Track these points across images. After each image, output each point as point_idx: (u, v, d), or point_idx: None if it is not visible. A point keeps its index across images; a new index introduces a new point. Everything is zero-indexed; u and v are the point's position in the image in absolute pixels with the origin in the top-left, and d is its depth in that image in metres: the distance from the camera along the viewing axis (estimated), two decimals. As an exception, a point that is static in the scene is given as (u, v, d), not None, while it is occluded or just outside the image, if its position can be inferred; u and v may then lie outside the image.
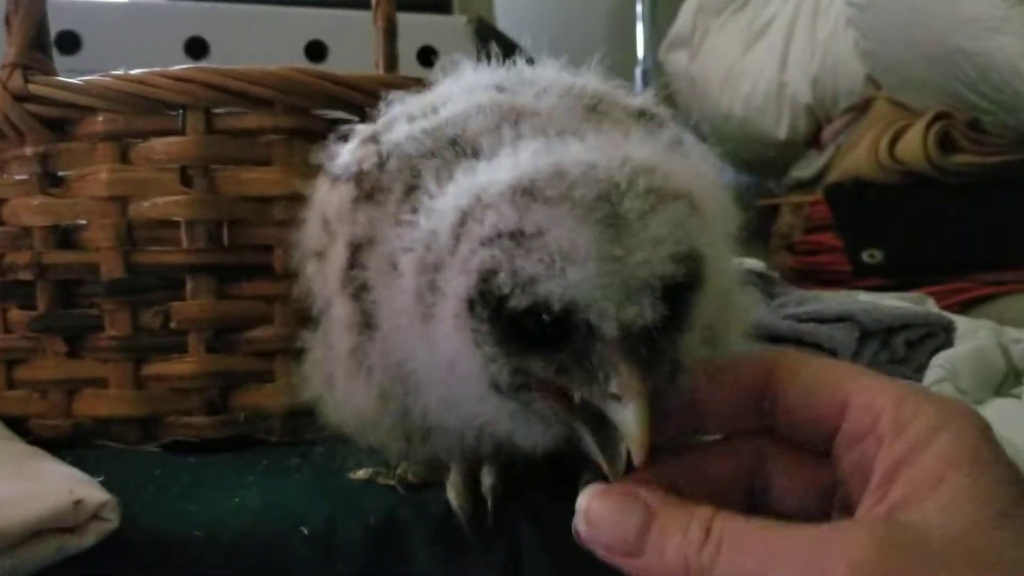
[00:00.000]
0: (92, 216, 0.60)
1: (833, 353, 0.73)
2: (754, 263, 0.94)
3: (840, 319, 0.74)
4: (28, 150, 0.61)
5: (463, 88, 0.46)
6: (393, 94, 0.48)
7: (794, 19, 1.58)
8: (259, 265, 0.60)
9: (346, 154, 0.46)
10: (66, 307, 0.60)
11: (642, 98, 0.47)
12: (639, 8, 1.85)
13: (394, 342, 0.41)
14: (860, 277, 1.34)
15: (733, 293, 0.43)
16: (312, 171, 0.60)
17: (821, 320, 0.75)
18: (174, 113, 0.59)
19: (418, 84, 0.62)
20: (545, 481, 0.46)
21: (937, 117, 1.33)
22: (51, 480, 0.43)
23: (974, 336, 0.75)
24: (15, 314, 0.62)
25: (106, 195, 0.59)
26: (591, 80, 0.46)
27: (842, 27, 1.47)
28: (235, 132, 0.59)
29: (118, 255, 0.59)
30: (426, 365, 0.40)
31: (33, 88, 0.60)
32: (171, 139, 0.59)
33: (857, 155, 1.42)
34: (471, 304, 0.36)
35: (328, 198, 0.46)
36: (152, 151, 0.59)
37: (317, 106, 0.60)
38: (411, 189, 0.41)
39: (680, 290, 0.36)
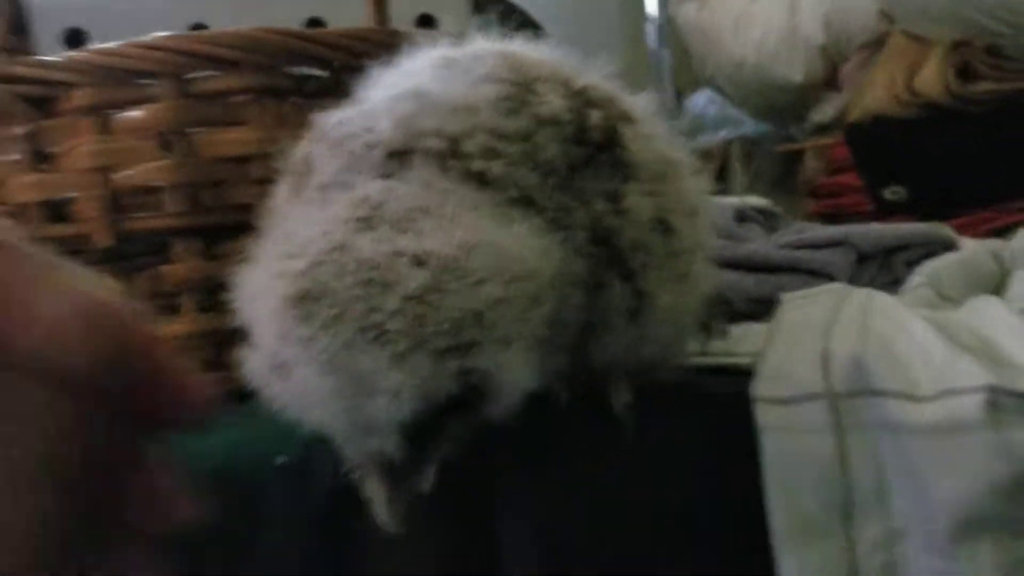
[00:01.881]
0: (80, 188, 0.62)
1: (831, 278, 0.72)
2: (757, 200, 0.93)
3: (836, 244, 0.73)
4: (18, 130, 0.63)
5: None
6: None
7: (803, -40, 1.55)
8: (241, 224, 0.61)
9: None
10: (63, 278, 0.62)
11: None
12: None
13: None
14: (884, 215, 1.32)
15: None
16: (284, 128, 0.61)
17: (816, 246, 0.74)
18: (150, 82, 0.61)
19: (386, 36, 0.63)
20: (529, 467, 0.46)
21: (955, 46, 1.29)
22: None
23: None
24: (18, 289, 0.64)
25: (90, 167, 0.61)
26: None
27: (850, -38, 1.44)
28: (207, 95, 0.61)
29: (107, 224, 0.61)
30: None
31: (16, 69, 0.62)
32: (147, 107, 0.61)
33: (875, 92, 1.38)
34: None
35: None
36: (131, 120, 0.61)
37: (285, 63, 0.61)
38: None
39: None
